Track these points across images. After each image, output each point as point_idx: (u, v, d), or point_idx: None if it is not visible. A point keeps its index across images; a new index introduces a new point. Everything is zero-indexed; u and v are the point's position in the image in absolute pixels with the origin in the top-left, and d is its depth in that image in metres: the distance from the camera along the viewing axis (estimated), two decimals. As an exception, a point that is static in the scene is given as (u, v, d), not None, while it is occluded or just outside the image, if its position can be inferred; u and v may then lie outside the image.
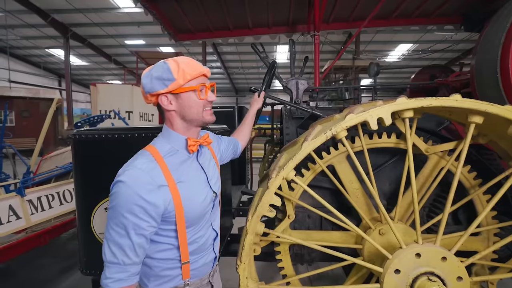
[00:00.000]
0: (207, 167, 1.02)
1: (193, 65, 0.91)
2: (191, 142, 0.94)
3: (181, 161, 0.93)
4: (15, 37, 15.15)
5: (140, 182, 0.80)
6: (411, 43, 15.07)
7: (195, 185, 0.94)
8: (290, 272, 1.71)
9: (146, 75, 0.91)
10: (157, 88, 0.88)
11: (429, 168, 1.60)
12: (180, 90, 0.89)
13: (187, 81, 0.88)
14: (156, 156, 0.88)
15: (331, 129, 1.15)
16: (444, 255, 1.19)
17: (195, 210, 0.92)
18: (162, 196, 0.83)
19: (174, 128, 0.95)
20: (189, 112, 0.93)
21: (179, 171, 0.90)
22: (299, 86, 2.03)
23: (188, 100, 0.91)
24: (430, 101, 1.11)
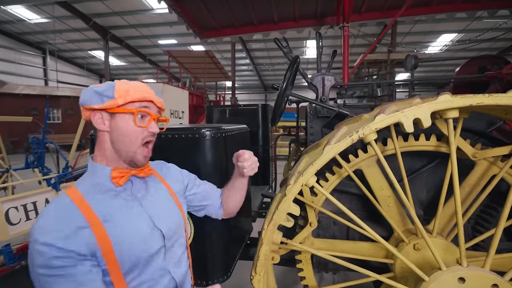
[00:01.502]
0: (148, 201, 0.85)
1: (141, 88, 0.80)
2: (115, 173, 0.78)
3: (110, 197, 0.78)
4: (62, 40, 16.49)
5: (50, 231, 0.67)
6: (456, 33, 13.79)
7: (130, 223, 0.78)
8: (312, 283, 1.60)
9: (88, 88, 0.81)
10: (91, 102, 0.77)
11: (477, 176, 1.38)
12: (116, 110, 0.77)
13: (126, 102, 0.77)
14: (73, 196, 0.74)
15: (357, 132, 1.02)
16: (496, 282, 1.00)
17: (133, 252, 0.75)
18: (82, 240, 0.69)
19: (102, 155, 0.81)
20: (121, 140, 0.79)
21: (107, 209, 0.75)
22: (326, 82, 1.88)
23: (123, 123, 0.78)
24: (481, 98, 0.93)
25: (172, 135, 1.19)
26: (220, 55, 16.25)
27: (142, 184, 0.87)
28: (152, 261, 0.80)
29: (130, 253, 0.75)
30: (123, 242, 0.74)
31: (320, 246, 1.57)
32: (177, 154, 1.20)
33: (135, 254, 0.76)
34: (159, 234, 0.83)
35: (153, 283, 0.81)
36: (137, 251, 0.77)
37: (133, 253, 0.76)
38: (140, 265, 0.78)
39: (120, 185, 0.79)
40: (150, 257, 0.80)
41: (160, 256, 0.83)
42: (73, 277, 0.66)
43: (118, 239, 0.74)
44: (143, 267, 0.78)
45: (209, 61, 11.04)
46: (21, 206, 2.27)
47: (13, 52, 17.00)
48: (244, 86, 26.80)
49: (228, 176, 1.41)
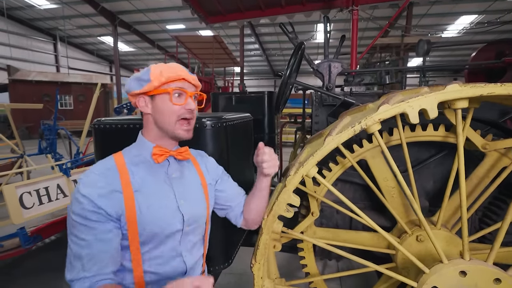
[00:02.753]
0: (179, 184, 0.89)
1: (173, 68, 0.84)
2: (156, 150, 0.84)
3: (148, 170, 0.85)
4: (72, 26, 16.54)
5: (91, 185, 0.75)
6: (476, 14, 13.05)
7: (157, 198, 0.83)
8: (313, 270, 1.62)
9: (131, 76, 0.87)
10: (133, 88, 0.84)
11: (486, 167, 1.34)
12: (153, 92, 0.82)
13: (162, 83, 0.81)
14: (118, 161, 0.82)
15: (360, 122, 0.99)
16: (498, 276, 0.98)
17: (153, 225, 0.81)
18: (113, 202, 0.76)
19: (149, 134, 0.88)
20: (162, 119, 0.84)
21: (141, 180, 0.82)
22: (332, 69, 1.82)
23: (161, 104, 0.83)
24: (493, 88, 0.88)
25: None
26: (228, 40, 16.01)
27: (178, 166, 0.92)
28: (168, 240, 0.84)
29: (149, 226, 0.80)
30: (146, 214, 0.79)
31: (322, 235, 1.57)
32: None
33: (153, 229, 0.80)
34: (180, 217, 0.86)
35: (163, 261, 0.84)
36: (156, 226, 0.81)
37: (152, 227, 0.80)
38: (156, 240, 0.82)
39: (158, 162, 0.84)
40: (167, 236, 0.83)
41: (176, 238, 0.86)
42: (94, 230, 0.73)
43: (143, 210, 0.79)
44: (158, 243, 0.83)
45: (217, 46, 10.89)
46: (34, 191, 2.35)
47: (25, 38, 17.19)
48: (253, 71, 26.46)
49: (230, 167, 1.41)
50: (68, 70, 16.51)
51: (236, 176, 1.55)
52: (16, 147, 3.87)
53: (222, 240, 1.38)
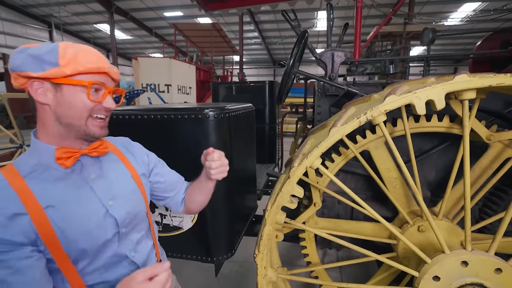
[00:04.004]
0: (102, 185, 0.75)
1: (93, 56, 0.68)
2: (59, 153, 0.68)
3: (56, 178, 0.69)
4: (67, 13, 16.16)
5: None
6: (479, 2, 12.81)
7: (76, 210, 0.69)
8: (315, 259, 1.64)
9: (20, 50, 0.66)
10: (27, 68, 0.64)
11: (490, 158, 1.34)
12: (62, 81, 0.66)
13: (77, 72, 0.66)
14: (10, 177, 0.65)
15: (365, 113, 0.98)
16: (499, 266, 1.00)
17: (77, 241, 0.68)
18: (18, 228, 0.61)
19: (47, 133, 0.70)
20: (67, 113, 0.68)
21: (51, 194, 0.67)
22: (335, 58, 1.79)
23: (71, 96, 0.67)
24: (503, 79, 0.86)
25: (174, 116, 1.17)
26: (227, 28, 15.72)
27: (95, 165, 0.77)
28: (105, 248, 0.74)
29: (77, 242, 0.68)
30: (68, 230, 0.67)
31: (324, 225, 1.59)
32: (179, 135, 1.19)
33: (83, 243, 0.69)
34: (113, 221, 0.75)
35: (108, 269, 0.75)
36: (85, 240, 0.69)
37: (81, 242, 0.69)
38: (92, 253, 0.71)
39: (67, 167, 0.69)
40: (102, 245, 0.73)
41: (114, 243, 0.76)
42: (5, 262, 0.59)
43: (63, 228, 0.66)
44: (95, 255, 0.72)
45: (216, 35, 10.71)
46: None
47: (19, 26, 16.83)
48: (253, 60, 26.12)
49: (233, 159, 1.41)
50: (65, 58, 16.21)
51: (239, 167, 1.55)
52: (15, 137, 3.84)
53: (225, 231, 1.39)
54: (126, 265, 0.78)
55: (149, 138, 1.13)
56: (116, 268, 0.76)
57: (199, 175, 0.98)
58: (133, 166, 0.85)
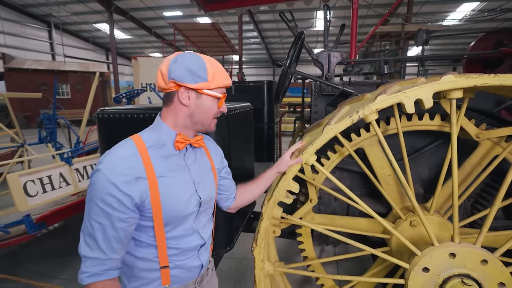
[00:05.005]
0: (195, 169, 0.94)
1: (224, 74, 0.90)
2: (179, 138, 0.88)
3: (167, 155, 0.87)
4: (66, 13, 16.17)
5: (116, 172, 0.76)
6: (478, 2, 12.86)
7: (178, 183, 0.87)
8: (311, 254, 1.68)
9: (176, 61, 0.84)
10: (185, 80, 0.83)
11: (479, 156, 1.38)
12: (206, 92, 0.86)
13: (217, 87, 0.87)
14: (139, 146, 0.82)
15: (357, 112, 1.02)
16: (485, 257, 1.04)
17: (174, 209, 0.86)
18: (139, 188, 0.78)
19: (175, 122, 0.89)
20: (202, 116, 0.89)
21: (163, 166, 0.84)
22: (331, 59, 1.84)
23: (207, 104, 0.88)
24: (486, 79, 0.91)
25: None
26: (227, 28, 15.75)
27: (192, 153, 0.95)
28: (186, 220, 0.90)
29: (171, 208, 0.85)
30: (168, 198, 0.84)
31: (320, 221, 1.63)
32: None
33: (174, 211, 0.86)
34: (197, 199, 0.92)
35: (183, 237, 0.91)
36: (176, 209, 0.86)
37: (173, 209, 0.85)
38: (177, 220, 0.88)
39: (179, 149, 0.89)
40: (185, 216, 0.89)
41: (191, 218, 0.92)
42: (111, 217, 0.76)
43: (166, 195, 0.83)
44: (178, 223, 0.88)
45: (216, 34, 10.73)
46: (38, 179, 2.39)
47: (19, 25, 16.83)
48: (252, 60, 26.15)
49: (232, 156, 1.45)
50: (64, 58, 16.26)
51: (237, 164, 1.59)
52: (16, 136, 3.88)
53: (224, 225, 1.43)
54: (196, 239, 0.94)
55: None
56: (188, 238, 0.92)
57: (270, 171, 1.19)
58: (213, 160, 1.04)
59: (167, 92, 0.87)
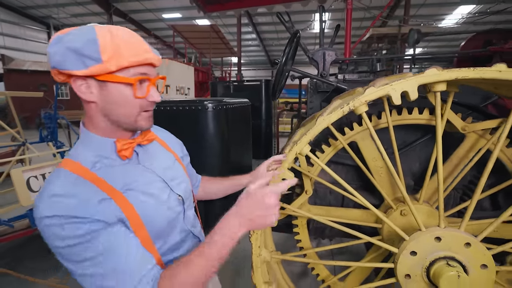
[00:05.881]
0: (158, 168, 0.78)
1: (136, 45, 0.64)
2: (121, 146, 0.68)
3: (118, 168, 0.70)
4: (66, 15, 16.24)
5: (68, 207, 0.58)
6: (474, 4, 13.03)
7: (148, 191, 0.71)
8: (307, 245, 1.75)
9: (57, 41, 0.60)
10: (68, 66, 0.59)
11: (466, 148, 1.46)
12: (107, 78, 0.61)
13: (122, 67, 0.61)
14: (79, 171, 0.64)
15: (348, 104, 1.09)
16: (468, 241, 1.11)
17: (158, 221, 0.71)
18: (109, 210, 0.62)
19: (96, 127, 0.69)
20: (116, 112, 0.66)
21: (120, 180, 0.67)
22: (326, 57, 1.91)
23: (117, 94, 0.64)
24: (466, 72, 0.98)
25: (177, 107, 1.28)
26: (225, 30, 15.85)
27: (146, 152, 0.79)
28: (175, 225, 0.78)
29: (155, 220, 0.71)
30: (147, 210, 0.69)
31: (315, 213, 1.69)
32: (182, 124, 1.30)
33: (159, 222, 0.72)
34: (176, 198, 0.79)
35: (179, 246, 0.79)
36: (161, 217, 0.73)
37: (158, 220, 0.71)
38: (166, 231, 0.74)
39: (126, 158, 0.70)
40: (172, 221, 0.76)
41: (180, 220, 0.81)
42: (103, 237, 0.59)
43: (142, 208, 0.68)
44: (168, 232, 0.76)
45: (215, 36, 10.83)
46: (40, 175, 2.44)
47: (18, 27, 16.88)
48: (251, 62, 26.28)
49: (229, 146, 1.52)
50: (63, 59, 16.26)
51: (235, 158, 1.66)
52: (18, 135, 3.93)
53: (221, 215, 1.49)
54: (190, 240, 0.83)
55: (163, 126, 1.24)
56: (184, 244, 0.81)
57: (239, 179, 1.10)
58: (173, 150, 0.89)
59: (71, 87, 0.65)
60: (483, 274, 1.11)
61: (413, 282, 1.19)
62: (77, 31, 0.62)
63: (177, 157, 0.90)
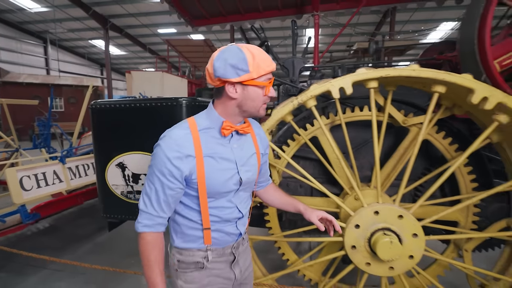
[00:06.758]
0: (239, 153, 1.02)
1: (267, 60, 0.91)
2: (225, 125, 0.96)
3: (215, 139, 0.97)
4: (63, 30, 16.62)
5: (171, 150, 0.89)
6: (455, 21, 13.78)
7: (221, 164, 0.97)
8: (277, 231, 1.91)
9: (219, 58, 0.90)
10: (229, 76, 0.88)
11: (409, 140, 1.67)
12: (250, 83, 0.90)
13: (260, 76, 0.90)
14: (192, 128, 0.94)
15: (297, 98, 1.30)
16: (401, 213, 1.31)
17: (216, 186, 0.96)
18: (187, 164, 0.91)
19: (224, 110, 0.97)
20: (250, 105, 0.95)
21: (210, 147, 0.95)
22: (295, 65, 2.15)
23: (253, 93, 0.93)
24: (388, 71, 1.21)
25: (155, 104, 1.48)
26: (219, 44, 16.34)
27: (239, 139, 1.03)
28: (226, 195, 1.01)
29: (213, 183, 0.95)
30: (212, 175, 0.94)
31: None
32: (159, 118, 1.50)
33: (216, 186, 0.96)
34: (238, 179, 1.00)
35: (223, 208, 1.01)
36: (218, 185, 0.96)
37: (215, 185, 0.96)
38: (218, 194, 0.98)
39: (225, 135, 0.97)
40: (226, 192, 0.99)
41: (232, 194, 1.02)
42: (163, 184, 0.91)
43: (210, 173, 0.94)
44: (219, 197, 0.99)
45: (208, 50, 11.21)
46: (33, 175, 2.59)
47: (14, 41, 17.17)
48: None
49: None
50: (59, 73, 16.54)
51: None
52: (12, 141, 4.07)
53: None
54: (234, 212, 1.04)
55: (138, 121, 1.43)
56: (227, 210, 1.02)
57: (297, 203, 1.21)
58: (258, 146, 1.10)
59: (217, 87, 0.96)
60: (415, 242, 1.30)
61: (358, 252, 1.37)
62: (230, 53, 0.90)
63: (257, 152, 1.10)
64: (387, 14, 12.03)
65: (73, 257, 2.75)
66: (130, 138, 1.58)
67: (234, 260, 1.07)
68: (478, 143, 1.32)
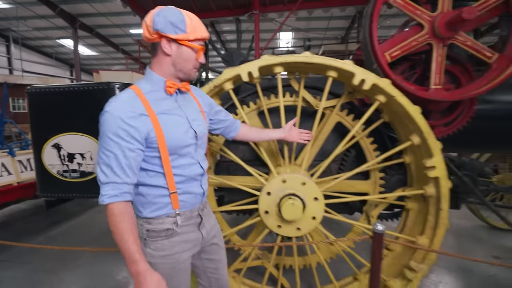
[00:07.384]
0: (187, 109, 1.09)
1: (202, 27, 1.01)
2: (168, 83, 1.02)
3: (161, 99, 1.03)
4: (27, 28, 15.87)
5: (122, 109, 0.91)
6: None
7: (174, 119, 1.02)
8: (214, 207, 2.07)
9: (159, 14, 0.95)
10: (167, 31, 0.94)
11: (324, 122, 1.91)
12: (186, 43, 0.98)
13: (195, 39, 0.99)
14: (137, 92, 0.98)
15: (213, 82, 1.49)
16: (304, 181, 1.52)
17: (175, 139, 1.00)
18: (143, 122, 0.94)
19: (161, 71, 1.03)
20: (183, 65, 1.02)
21: (159, 106, 1.00)
22: (234, 57, 2.36)
23: (187, 54, 1.01)
24: (286, 58, 1.42)
25: (88, 87, 1.60)
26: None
27: (182, 97, 1.11)
28: (187, 151, 1.06)
29: (173, 138, 1.00)
30: (169, 130, 0.99)
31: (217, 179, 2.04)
32: (93, 102, 1.62)
33: (176, 140, 1.00)
34: (193, 133, 1.07)
35: (186, 166, 1.06)
36: (177, 139, 1.01)
37: (174, 139, 1.00)
38: (179, 149, 1.02)
39: (170, 93, 1.03)
40: (186, 147, 1.04)
41: (192, 150, 1.07)
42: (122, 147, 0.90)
43: (167, 128, 0.98)
44: (180, 153, 1.04)
45: (179, 50, 11.23)
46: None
47: (-27, 39, 16.17)
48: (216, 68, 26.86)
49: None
50: (22, 73, 15.76)
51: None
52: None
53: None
54: (197, 168, 1.10)
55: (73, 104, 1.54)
56: (191, 167, 1.08)
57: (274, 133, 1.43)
58: (200, 104, 1.20)
59: (153, 43, 1.01)
60: (316, 204, 1.52)
61: (270, 216, 1.57)
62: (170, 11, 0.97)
63: (201, 110, 1.20)
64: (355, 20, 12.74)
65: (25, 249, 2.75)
66: (66, 120, 1.67)
67: (201, 222, 1.14)
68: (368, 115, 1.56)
